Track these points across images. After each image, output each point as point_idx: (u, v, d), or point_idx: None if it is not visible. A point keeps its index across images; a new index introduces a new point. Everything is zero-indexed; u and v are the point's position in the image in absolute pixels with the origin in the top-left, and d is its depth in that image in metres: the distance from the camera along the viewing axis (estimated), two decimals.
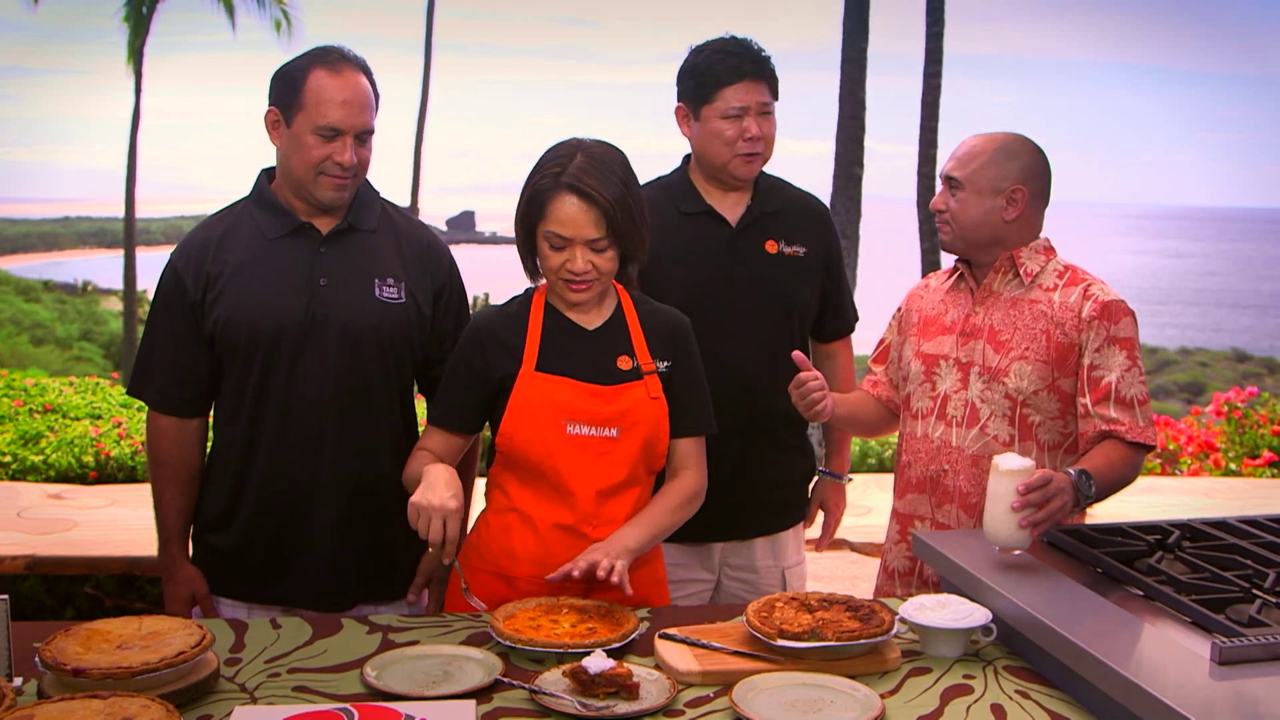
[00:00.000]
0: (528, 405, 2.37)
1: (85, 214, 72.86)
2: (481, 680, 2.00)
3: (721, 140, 2.85)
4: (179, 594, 2.64)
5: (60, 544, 3.54)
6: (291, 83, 2.50)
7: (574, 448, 2.37)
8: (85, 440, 4.76)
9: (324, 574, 2.58)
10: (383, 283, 2.59)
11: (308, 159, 2.48)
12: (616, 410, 2.38)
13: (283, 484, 2.56)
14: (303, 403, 2.53)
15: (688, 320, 2.55)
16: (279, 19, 24.25)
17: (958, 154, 2.71)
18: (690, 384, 2.49)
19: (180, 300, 2.57)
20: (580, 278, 2.36)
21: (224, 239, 2.58)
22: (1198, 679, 1.79)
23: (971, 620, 2.13)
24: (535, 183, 2.36)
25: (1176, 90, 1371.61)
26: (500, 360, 2.42)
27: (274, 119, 2.53)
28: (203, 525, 2.66)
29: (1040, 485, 2.27)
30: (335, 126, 2.47)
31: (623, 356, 2.44)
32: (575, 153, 2.35)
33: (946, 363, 2.72)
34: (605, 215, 2.31)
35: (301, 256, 2.56)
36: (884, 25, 13.47)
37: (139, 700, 1.77)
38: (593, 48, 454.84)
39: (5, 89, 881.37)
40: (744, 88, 2.81)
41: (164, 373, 2.60)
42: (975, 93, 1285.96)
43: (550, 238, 2.35)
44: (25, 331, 28.93)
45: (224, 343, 2.54)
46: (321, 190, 2.52)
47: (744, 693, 1.92)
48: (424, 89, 25.12)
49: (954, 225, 2.70)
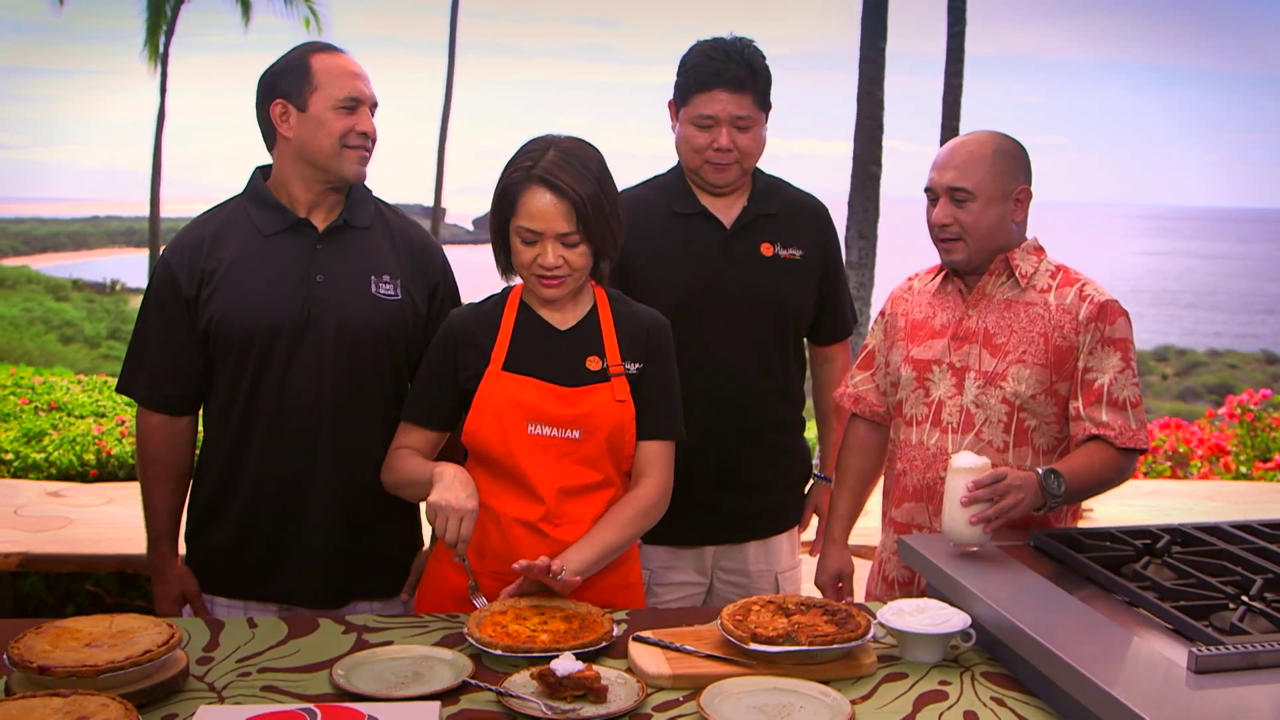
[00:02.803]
0: (490, 404, 2.36)
1: (115, 214, 73.51)
2: (450, 682, 1.98)
3: (691, 146, 2.81)
4: (168, 593, 2.64)
5: (54, 541, 3.54)
6: (297, 70, 2.52)
7: (535, 447, 2.36)
8: (87, 438, 4.78)
9: (318, 571, 2.57)
10: (379, 280, 2.58)
11: (332, 133, 2.50)
12: (579, 412, 2.37)
13: (276, 481, 2.55)
14: (297, 400, 2.53)
15: (667, 323, 2.51)
16: (307, 17, 24.41)
17: (954, 163, 2.59)
18: (660, 388, 2.46)
19: (174, 297, 2.56)
20: (552, 272, 2.34)
21: (218, 235, 2.57)
22: (1172, 688, 1.75)
23: (949, 625, 2.10)
24: (507, 177, 2.35)
25: (1205, 91, 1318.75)
26: (471, 358, 2.41)
27: (281, 110, 2.53)
28: (194, 523, 2.66)
29: (990, 482, 2.29)
30: (355, 97, 2.52)
31: (592, 357, 2.41)
32: (548, 148, 2.34)
33: (939, 368, 2.66)
34: (575, 209, 2.30)
35: (298, 253, 2.56)
36: (903, 25, 13.40)
37: (98, 699, 1.76)
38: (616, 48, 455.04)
39: (33, 90, 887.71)
40: (717, 98, 2.74)
41: (155, 370, 2.59)
42: (994, 93, 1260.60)
43: (521, 232, 2.33)
44: (54, 330, 29.18)
45: (218, 339, 2.54)
46: (347, 164, 2.54)
47: (711, 697, 1.90)
48: (447, 89, 25.20)
49: (968, 240, 2.58)
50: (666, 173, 2.96)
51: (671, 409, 2.48)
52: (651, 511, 2.43)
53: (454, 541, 2.22)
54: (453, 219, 60.62)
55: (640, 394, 2.42)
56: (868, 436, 2.88)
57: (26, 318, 28.44)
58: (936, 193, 2.61)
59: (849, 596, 2.94)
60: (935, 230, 2.63)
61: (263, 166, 2.66)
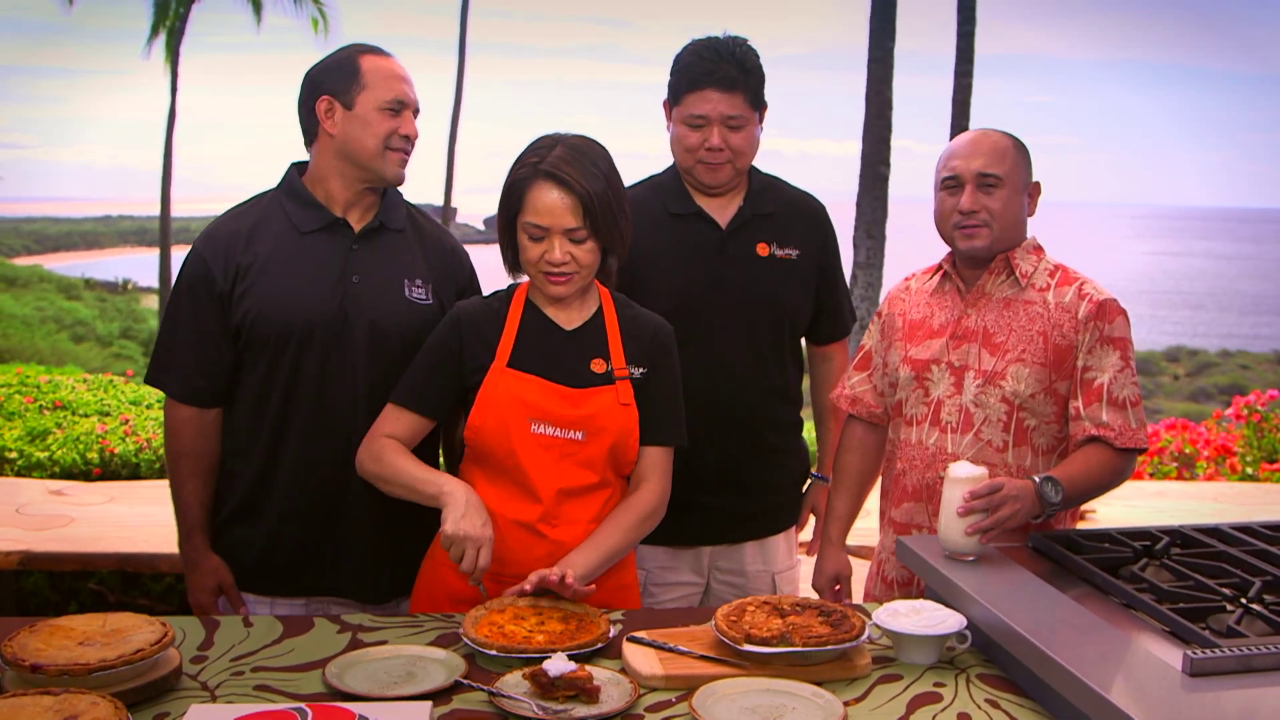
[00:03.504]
0: (494, 401, 2.35)
1: (126, 213, 73.72)
2: (443, 682, 1.98)
3: (683, 146, 2.80)
4: (204, 584, 2.63)
5: (55, 540, 3.55)
6: (346, 68, 2.54)
7: (537, 447, 2.35)
8: (91, 437, 4.78)
9: (358, 570, 2.58)
10: (412, 283, 2.60)
11: (377, 134, 2.52)
12: (583, 414, 2.36)
13: (313, 480, 2.55)
14: (334, 399, 2.53)
15: (670, 328, 2.51)
16: (315, 17, 24.46)
17: (981, 150, 2.57)
18: (664, 393, 2.45)
19: (208, 291, 2.55)
20: (559, 269, 2.33)
21: (254, 231, 2.57)
22: (1165, 691, 1.74)
23: (944, 627, 2.09)
24: (514, 174, 2.35)
25: (1210, 91, 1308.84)
26: (475, 352, 2.40)
27: (326, 106, 2.54)
28: (224, 519, 2.64)
29: (986, 494, 2.30)
30: (401, 100, 2.54)
31: (597, 359, 2.41)
32: (556, 144, 2.34)
33: (939, 367, 2.65)
34: (583, 204, 2.29)
35: (335, 252, 2.56)
36: (911, 25, 13.40)
37: (88, 698, 1.76)
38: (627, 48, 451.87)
39: (43, 89, 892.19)
40: (708, 97, 2.72)
41: (187, 363, 2.58)
42: (1001, 92, 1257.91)
43: (528, 228, 2.33)
44: (66, 329, 29.24)
45: (253, 335, 2.53)
46: (389, 165, 2.56)
47: (704, 698, 1.89)
48: (457, 89, 25.24)
49: (995, 225, 2.57)
50: (662, 173, 2.94)
51: (675, 414, 2.48)
52: (652, 517, 2.43)
53: (471, 569, 2.23)
54: (463, 218, 60.67)
55: (644, 398, 2.42)
56: (865, 437, 2.87)
57: (38, 316, 28.52)
58: (962, 180, 2.59)
59: (847, 598, 2.93)
60: (958, 217, 2.59)
61: (299, 163, 2.66)
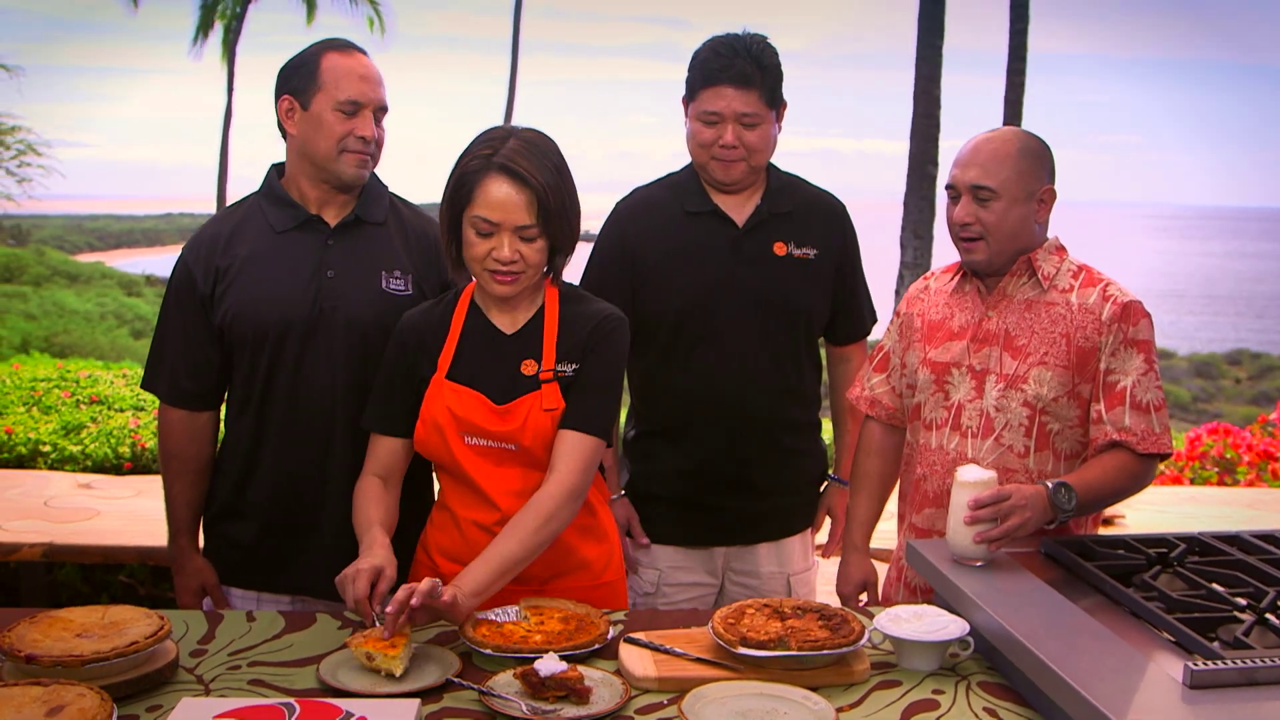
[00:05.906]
0: (431, 414, 2.33)
1: (186, 210, 74.83)
2: (435, 680, 1.97)
3: (697, 142, 2.77)
4: (188, 585, 2.68)
5: (79, 533, 3.59)
6: (306, 68, 2.53)
7: (476, 456, 2.32)
8: (124, 432, 4.83)
9: (336, 563, 2.57)
10: (389, 275, 2.59)
11: (330, 136, 2.51)
12: (512, 427, 2.29)
13: (293, 475, 2.57)
14: (311, 394, 2.54)
15: (620, 318, 2.40)
16: (371, 16, 24.71)
17: (977, 160, 2.50)
18: (590, 382, 2.33)
19: (190, 294, 2.59)
20: (506, 268, 2.26)
21: (234, 233, 2.61)
22: (1164, 704, 1.69)
23: (946, 633, 2.05)
24: (464, 165, 2.27)
25: (1276, 89, 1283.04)
26: (420, 363, 2.38)
27: (288, 107, 2.55)
28: (213, 516, 2.69)
29: (993, 502, 2.24)
30: (356, 100, 2.51)
31: (528, 360, 2.33)
32: (509, 136, 2.27)
33: (959, 370, 2.59)
34: (538, 199, 2.22)
35: (309, 249, 2.57)
36: (961, 22, 13.26)
37: (76, 689, 1.77)
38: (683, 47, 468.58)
39: (108, 89, 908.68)
40: (722, 93, 2.69)
41: (175, 366, 2.63)
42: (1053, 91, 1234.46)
43: (477, 223, 2.25)
44: (126, 325, 29.73)
45: (233, 336, 2.57)
46: (345, 167, 2.54)
47: (694, 701, 1.87)
48: (510, 89, 25.36)
49: (990, 240, 2.51)
50: (679, 171, 2.91)
51: (599, 405, 2.32)
52: (554, 518, 2.23)
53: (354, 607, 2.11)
54: None
55: (573, 389, 2.32)
56: (884, 440, 2.83)
57: (99, 312, 29.00)
58: (959, 190, 2.54)
59: (874, 604, 2.87)
60: (956, 229, 2.56)
61: (277, 164, 2.67)
